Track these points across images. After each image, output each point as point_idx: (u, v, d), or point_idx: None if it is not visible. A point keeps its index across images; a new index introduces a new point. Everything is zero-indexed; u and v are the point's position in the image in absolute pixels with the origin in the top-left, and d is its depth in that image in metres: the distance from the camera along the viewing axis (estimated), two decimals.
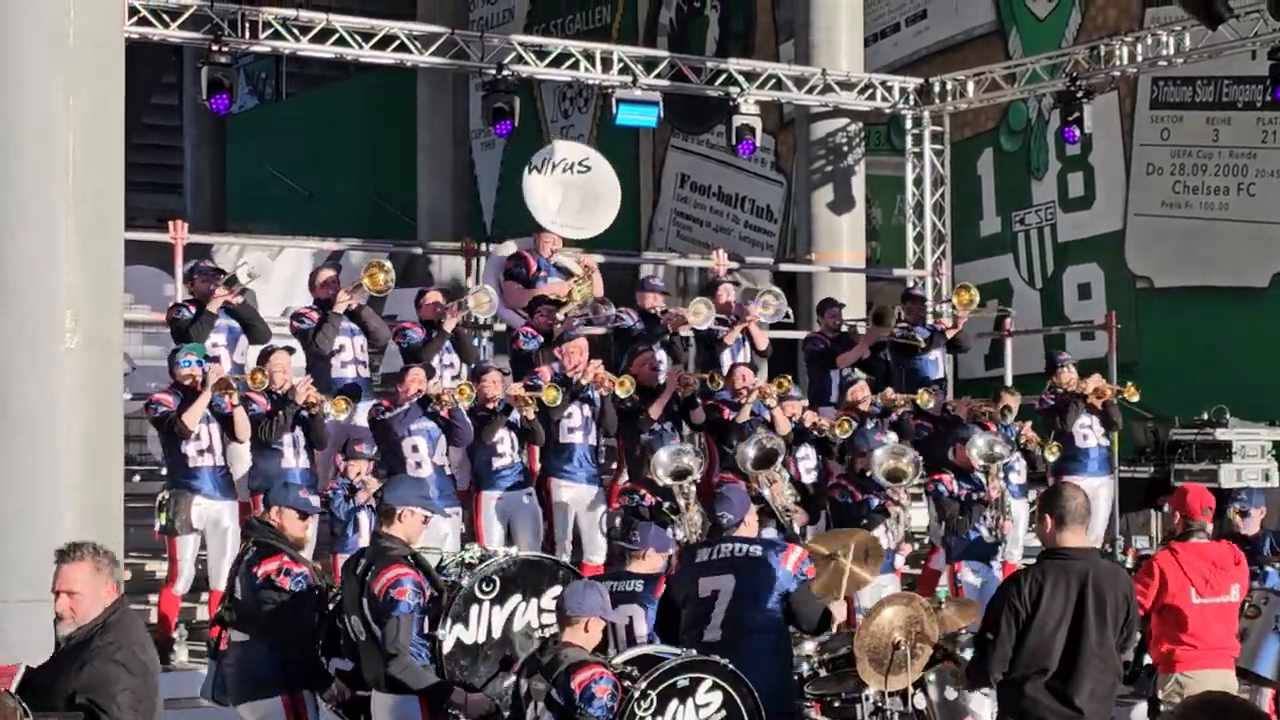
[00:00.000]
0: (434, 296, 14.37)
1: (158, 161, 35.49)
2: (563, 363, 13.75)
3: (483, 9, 29.92)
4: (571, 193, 15.65)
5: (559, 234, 15.47)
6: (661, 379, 14.15)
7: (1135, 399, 16.04)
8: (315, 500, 10.31)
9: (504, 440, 13.23)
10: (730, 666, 8.43)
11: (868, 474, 13.43)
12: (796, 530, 13.06)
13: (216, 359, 13.22)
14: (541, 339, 14.20)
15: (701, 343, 15.56)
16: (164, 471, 12.98)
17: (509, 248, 15.92)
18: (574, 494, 13.55)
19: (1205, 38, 17.63)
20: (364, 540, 12.08)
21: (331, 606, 9.44)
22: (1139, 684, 11.70)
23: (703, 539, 11.17)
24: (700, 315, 15.00)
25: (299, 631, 9.12)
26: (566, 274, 15.23)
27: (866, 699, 9.76)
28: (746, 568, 9.02)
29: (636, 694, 8.03)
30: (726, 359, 15.15)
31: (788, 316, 16.36)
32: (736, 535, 9.25)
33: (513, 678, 8.46)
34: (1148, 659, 12.64)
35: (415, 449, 12.77)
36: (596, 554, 13.35)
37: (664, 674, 8.24)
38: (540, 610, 9.22)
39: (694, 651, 8.66)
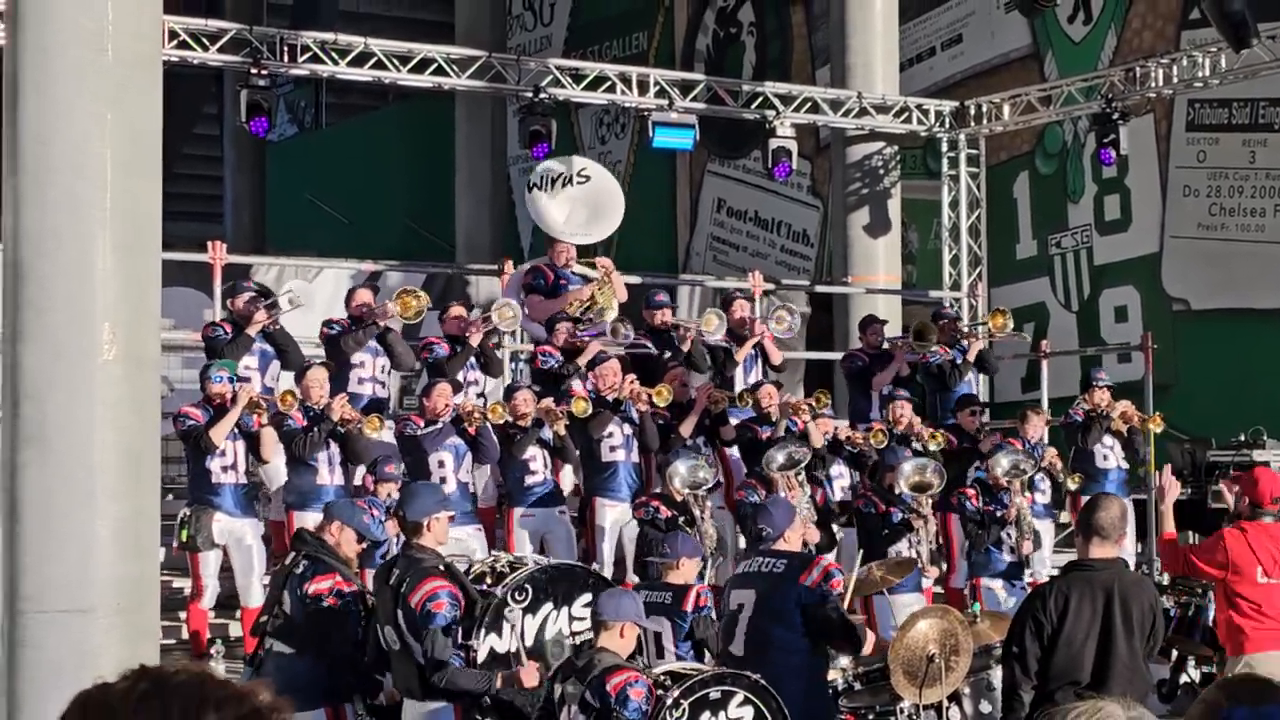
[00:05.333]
0: (457, 310, 14.45)
1: (198, 191, 35.73)
2: (596, 385, 13.79)
3: (520, 36, 30.07)
4: (577, 205, 15.74)
5: (571, 242, 15.53)
6: (692, 394, 14.20)
7: (1159, 430, 15.99)
8: (375, 530, 10.41)
9: (536, 458, 13.28)
10: (762, 682, 8.44)
11: (895, 490, 13.46)
12: (808, 547, 13.08)
13: (247, 379, 13.30)
14: (561, 357, 14.25)
15: (714, 360, 15.58)
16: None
17: (524, 265, 15.98)
18: (619, 513, 13.58)
19: (1241, 59, 17.59)
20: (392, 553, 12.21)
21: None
22: (1176, 703, 11.68)
23: (746, 550, 11.19)
24: (712, 325, 15.04)
25: (344, 647, 9.16)
26: (585, 280, 15.29)
27: (901, 711, 9.77)
28: (768, 583, 9.02)
29: (669, 701, 8.07)
30: (739, 376, 15.17)
31: (814, 332, 16.36)
32: (772, 549, 9.23)
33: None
34: (1184, 679, 12.63)
35: (441, 464, 12.82)
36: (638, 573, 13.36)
37: (696, 685, 8.28)
38: (572, 618, 9.26)
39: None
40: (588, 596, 9.16)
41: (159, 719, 1.97)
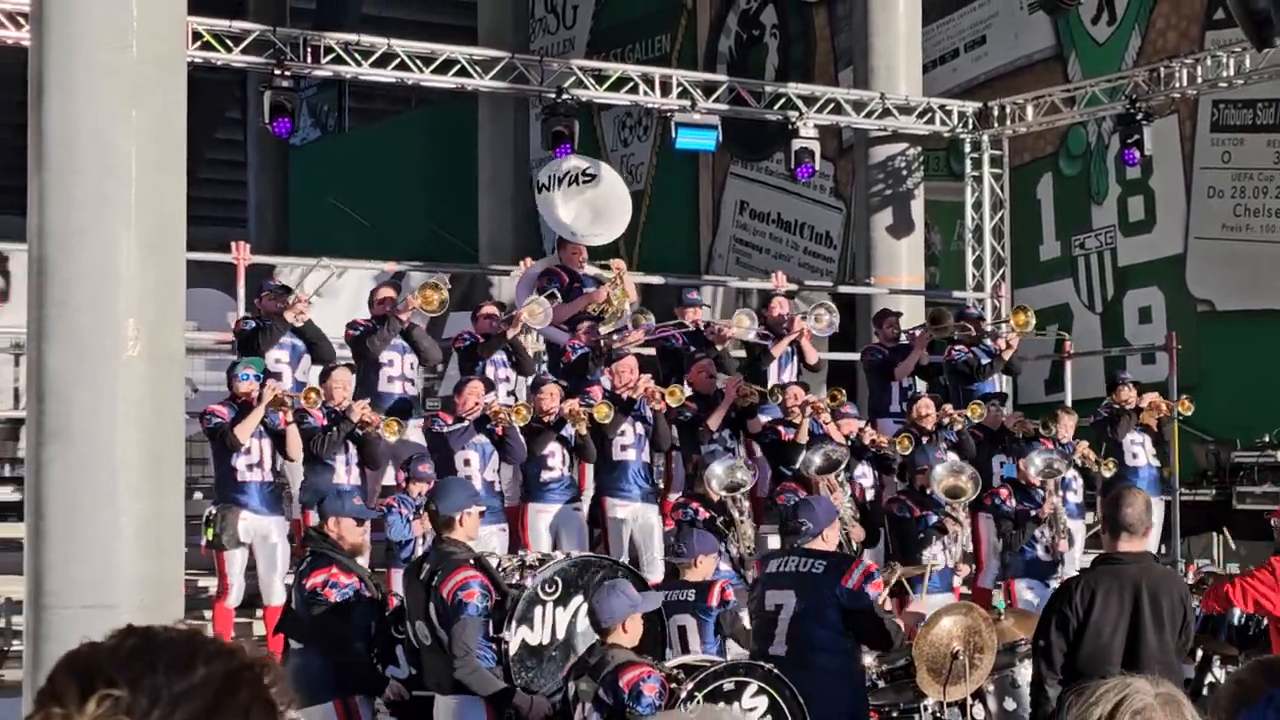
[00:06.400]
0: (489, 309, 14.47)
1: (222, 196, 35.82)
2: (613, 381, 13.78)
3: (543, 39, 30.08)
4: (583, 205, 15.73)
5: (582, 243, 15.52)
6: (719, 385, 14.20)
7: (1189, 412, 15.97)
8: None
9: (554, 454, 13.26)
10: (775, 671, 8.45)
11: (928, 491, 13.41)
12: (854, 545, 13.05)
13: (278, 375, 13.31)
14: (588, 349, 14.25)
15: (750, 357, 15.56)
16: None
17: (535, 266, 15.95)
18: (629, 512, 13.56)
19: (1266, 59, 17.52)
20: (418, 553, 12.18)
21: (388, 615, 9.53)
22: (1201, 703, 11.57)
23: (777, 549, 11.16)
24: (743, 326, 15.02)
25: (348, 640, 9.17)
26: (599, 282, 15.31)
27: (925, 709, 9.75)
28: (808, 584, 8.97)
29: (683, 695, 8.07)
30: (773, 372, 15.15)
31: (836, 332, 16.34)
32: (807, 548, 9.19)
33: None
34: (1209, 679, 12.59)
35: (468, 463, 12.79)
36: (654, 572, 13.32)
37: (710, 676, 8.29)
38: None
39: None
40: None
41: (147, 672, 1.96)
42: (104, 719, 1.82)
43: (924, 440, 14.42)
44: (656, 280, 18.78)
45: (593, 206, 15.77)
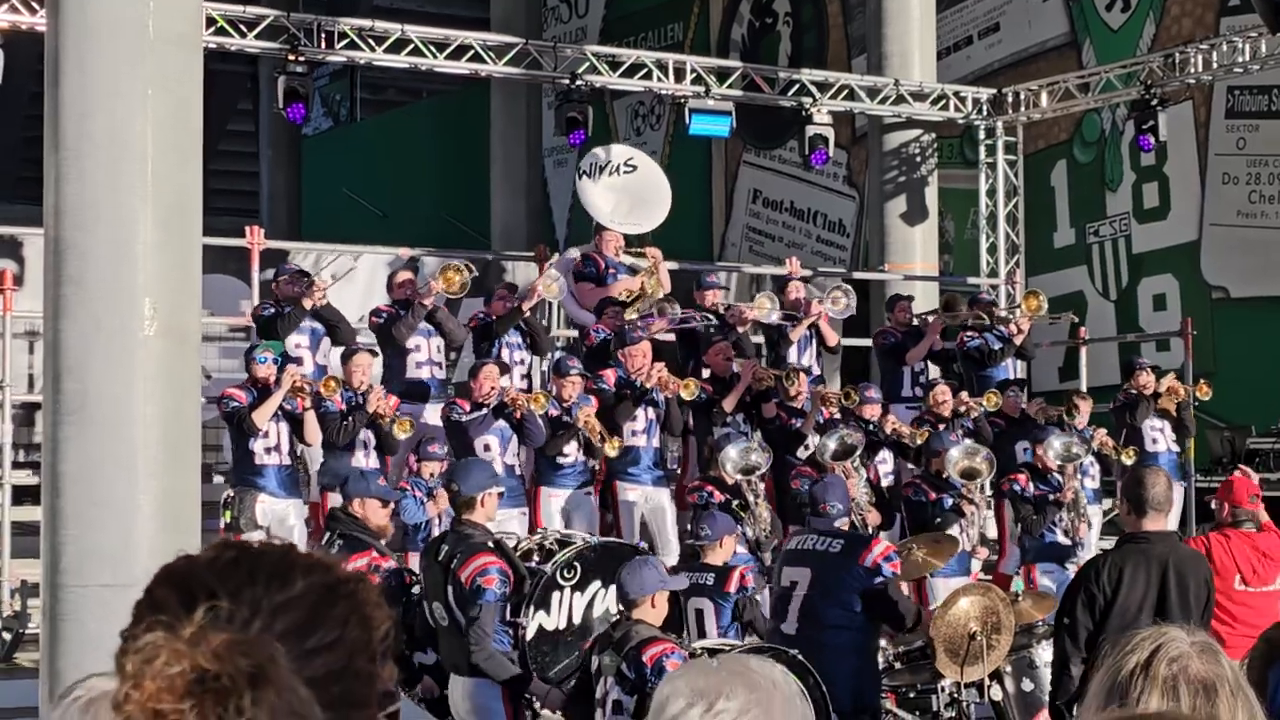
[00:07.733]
0: (503, 291, 14.49)
1: (234, 187, 35.83)
2: (626, 366, 13.76)
3: (556, 28, 30.06)
4: (622, 195, 15.77)
5: (619, 231, 15.54)
6: (735, 368, 14.18)
7: (1208, 397, 15.94)
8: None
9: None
10: (799, 657, 8.41)
11: (943, 475, 13.38)
12: (869, 529, 13.01)
13: (299, 360, 13.30)
14: (612, 335, 14.25)
15: (768, 340, 15.54)
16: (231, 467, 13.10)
17: (573, 252, 16.00)
18: (640, 495, 13.54)
19: None
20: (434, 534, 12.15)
21: (416, 596, 9.49)
22: None
23: (801, 528, 11.15)
24: (764, 309, 15.01)
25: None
26: (633, 271, 15.32)
27: (942, 690, 9.73)
28: (825, 562, 8.96)
29: None
30: (792, 356, 15.13)
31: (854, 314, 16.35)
32: (829, 527, 9.19)
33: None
34: None
35: (488, 448, 12.76)
36: (670, 555, 13.30)
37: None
38: None
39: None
40: None
41: (246, 584, 1.93)
42: (210, 629, 1.80)
43: (940, 426, 14.40)
44: (670, 267, 18.75)
45: (632, 196, 15.82)
